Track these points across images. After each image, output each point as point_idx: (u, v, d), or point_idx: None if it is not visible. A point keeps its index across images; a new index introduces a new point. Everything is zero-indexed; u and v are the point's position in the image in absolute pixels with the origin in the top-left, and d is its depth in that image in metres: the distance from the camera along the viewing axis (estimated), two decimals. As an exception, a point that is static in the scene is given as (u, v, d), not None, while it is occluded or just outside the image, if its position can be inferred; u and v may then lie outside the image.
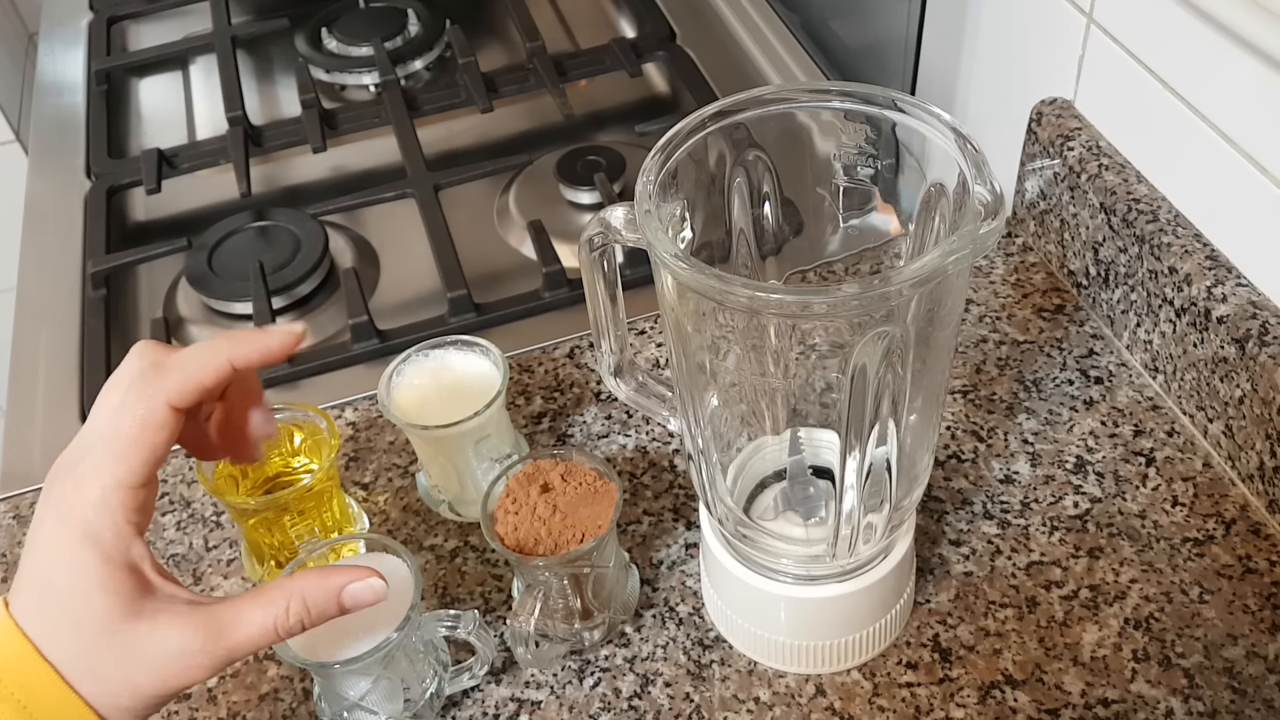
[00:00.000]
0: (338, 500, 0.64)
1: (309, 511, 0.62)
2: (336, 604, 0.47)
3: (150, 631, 0.44)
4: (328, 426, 0.62)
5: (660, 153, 0.48)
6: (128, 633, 0.44)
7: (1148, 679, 0.56)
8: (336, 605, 0.47)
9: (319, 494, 0.61)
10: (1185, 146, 0.65)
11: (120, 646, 0.44)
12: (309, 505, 0.61)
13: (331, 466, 0.61)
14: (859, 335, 0.44)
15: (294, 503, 0.60)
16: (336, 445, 0.61)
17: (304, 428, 0.63)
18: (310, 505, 0.62)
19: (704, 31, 1.06)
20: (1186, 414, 0.67)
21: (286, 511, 0.61)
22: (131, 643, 0.44)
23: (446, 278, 0.80)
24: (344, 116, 0.98)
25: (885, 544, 0.55)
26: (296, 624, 0.46)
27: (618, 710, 0.57)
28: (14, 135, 1.53)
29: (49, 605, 0.44)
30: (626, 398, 0.58)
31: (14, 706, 0.43)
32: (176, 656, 0.44)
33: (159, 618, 0.44)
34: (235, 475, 0.62)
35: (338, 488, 0.64)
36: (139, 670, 0.44)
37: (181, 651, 0.44)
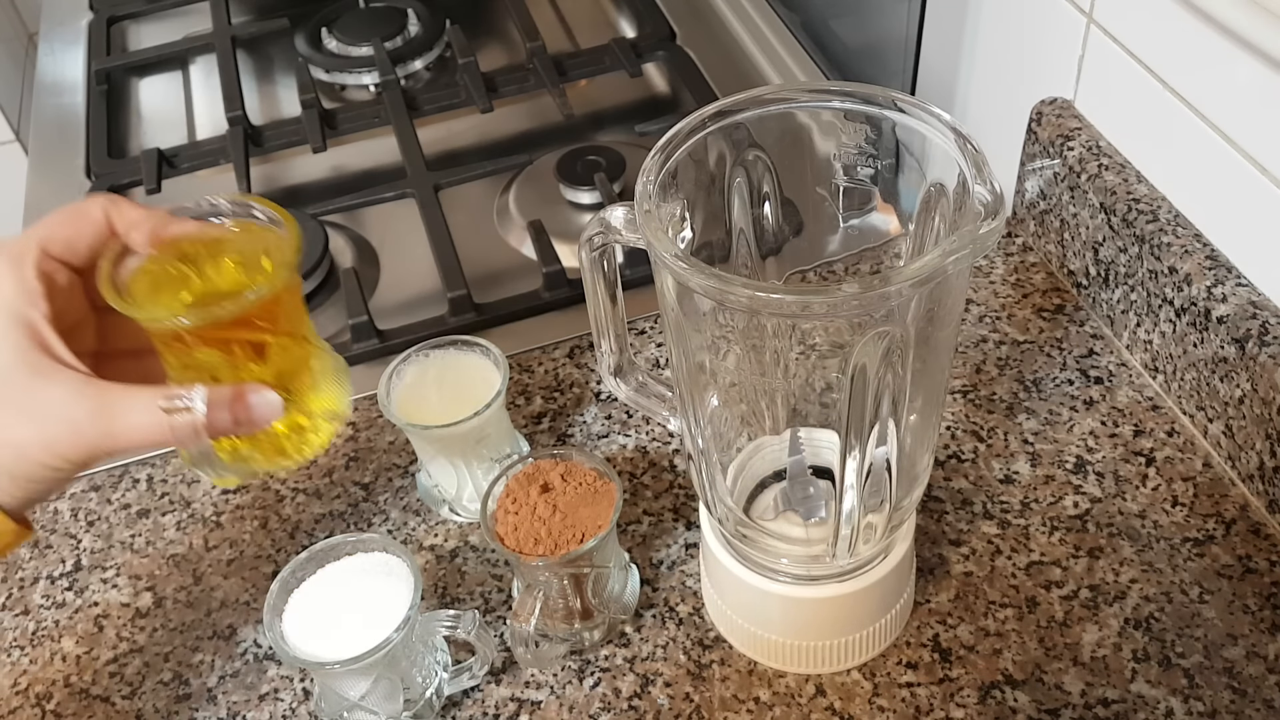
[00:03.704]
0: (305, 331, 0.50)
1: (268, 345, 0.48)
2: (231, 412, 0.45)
3: (41, 388, 0.43)
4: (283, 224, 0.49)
5: (660, 153, 0.48)
6: (18, 385, 0.43)
7: (1148, 679, 0.56)
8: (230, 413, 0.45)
9: (274, 309, 0.47)
10: (1185, 146, 0.65)
11: (7, 398, 0.44)
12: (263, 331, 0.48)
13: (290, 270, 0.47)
14: (859, 335, 0.44)
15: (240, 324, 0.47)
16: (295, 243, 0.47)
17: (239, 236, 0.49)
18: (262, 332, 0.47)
19: (704, 31, 1.06)
20: (1186, 414, 0.67)
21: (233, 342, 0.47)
22: (20, 396, 0.43)
23: (446, 278, 0.80)
24: (344, 116, 0.98)
25: (885, 544, 0.55)
26: (186, 424, 0.44)
27: (618, 710, 0.57)
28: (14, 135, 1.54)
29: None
30: (626, 398, 0.58)
31: None
32: (64, 420, 0.43)
33: (53, 377, 0.44)
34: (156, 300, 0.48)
35: (303, 315, 0.50)
36: (24, 426, 0.43)
37: (70, 416, 0.43)
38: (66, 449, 0.44)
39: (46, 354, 0.44)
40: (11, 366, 0.43)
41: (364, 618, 0.53)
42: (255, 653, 0.62)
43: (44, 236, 0.46)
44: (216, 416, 0.44)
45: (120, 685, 0.61)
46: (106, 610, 0.64)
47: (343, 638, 0.53)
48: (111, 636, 0.63)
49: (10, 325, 0.44)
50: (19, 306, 0.44)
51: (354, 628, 0.53)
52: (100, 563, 0.67)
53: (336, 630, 0.53)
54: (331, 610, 0.54)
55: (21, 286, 0.44)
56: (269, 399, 0.46)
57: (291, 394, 0.49)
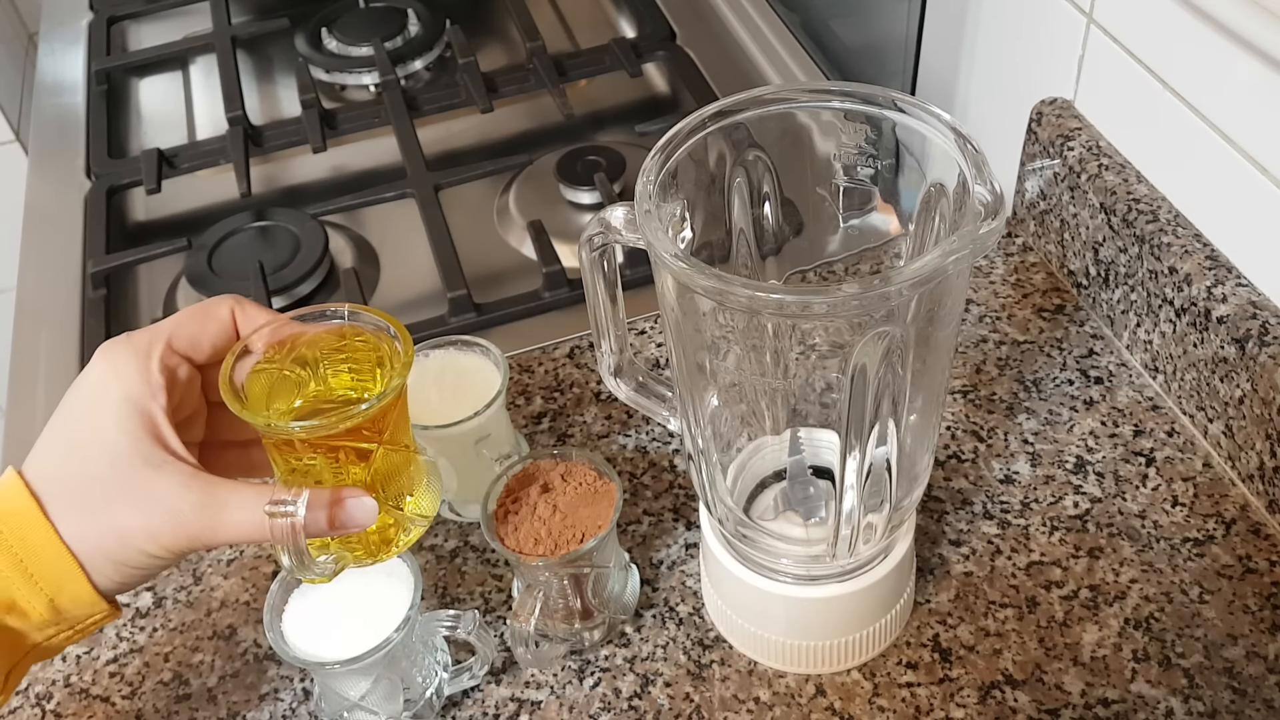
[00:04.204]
0: (407, 439, 0.50)
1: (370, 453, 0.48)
2: (329, 516, 0.46)
3: (151, 478, 0.45)
4: (398, 335, 0.49)
5: (660, 153, 0.48)
6: (129, 473, 0.45)
7: (1148, 679, 0.56)
8: (328, 518, 0.46)
9: (383, 419, 0.47)
10: (1185, 146, 0.65)
11: (119, 485, 0.45)
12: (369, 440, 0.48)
13: (400, 388, 0.47)
14: (859, 335, 0.44)
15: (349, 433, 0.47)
16: (409, 357, 0.48)
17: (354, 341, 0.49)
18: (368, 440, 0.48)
19: (704, 31, 1.06)
20: (1186, 414, 0.67)
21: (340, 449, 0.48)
22: (131, 484, 0.45)
23: (446, 278, 0.80)
24: (344, 116, 0.98)
25: (885, 544, 0.55)
26: (285, 526, 0.45)
27: (618, 710, 0.57)
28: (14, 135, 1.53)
29: (59, 439, 0.46)
30: (626, 398, 0.58)
31: (11, 559, 0.44)
32: (169, 511, 0.45)
33: (163, 468, 0.45)
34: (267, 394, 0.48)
35: (406, 422, 0.50)
36: (131, 513, 0.45)
37: (175, 508, 0.45)
38: (169, 539, 0.45)
39: (160, 445, 0.45)
40: (127, 455, 0.45)
41: (364, 618, 0.53)
42: (255, 653, 0.62)
43: (172, 332, 0.48)
44: (314, 519, 0.46)
45: (120, 685, 0.61)
46: (106, 610, 0.64)
47: (343, 638, 0.53)
48: (111, 636, 0.63)
49: (130, 415, 0.45)
50: (140, 398, 0.46)
51: (354, 628, 0.53)
52: (100, 563, 0.67)
53: (336, 630, 0.53)
54: (331, 610, 0.54)
55: (145, 378, 0.46)
56: (366, 505, 0.47)
57: (387, 497, 0.49)
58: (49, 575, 0.44)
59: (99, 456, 0.45)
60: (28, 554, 0.44)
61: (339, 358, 0.49)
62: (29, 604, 0.45)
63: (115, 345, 0.47)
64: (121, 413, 0.45)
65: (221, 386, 0.47)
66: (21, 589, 0.44)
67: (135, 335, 0.47)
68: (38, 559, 0.44)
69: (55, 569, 0.44)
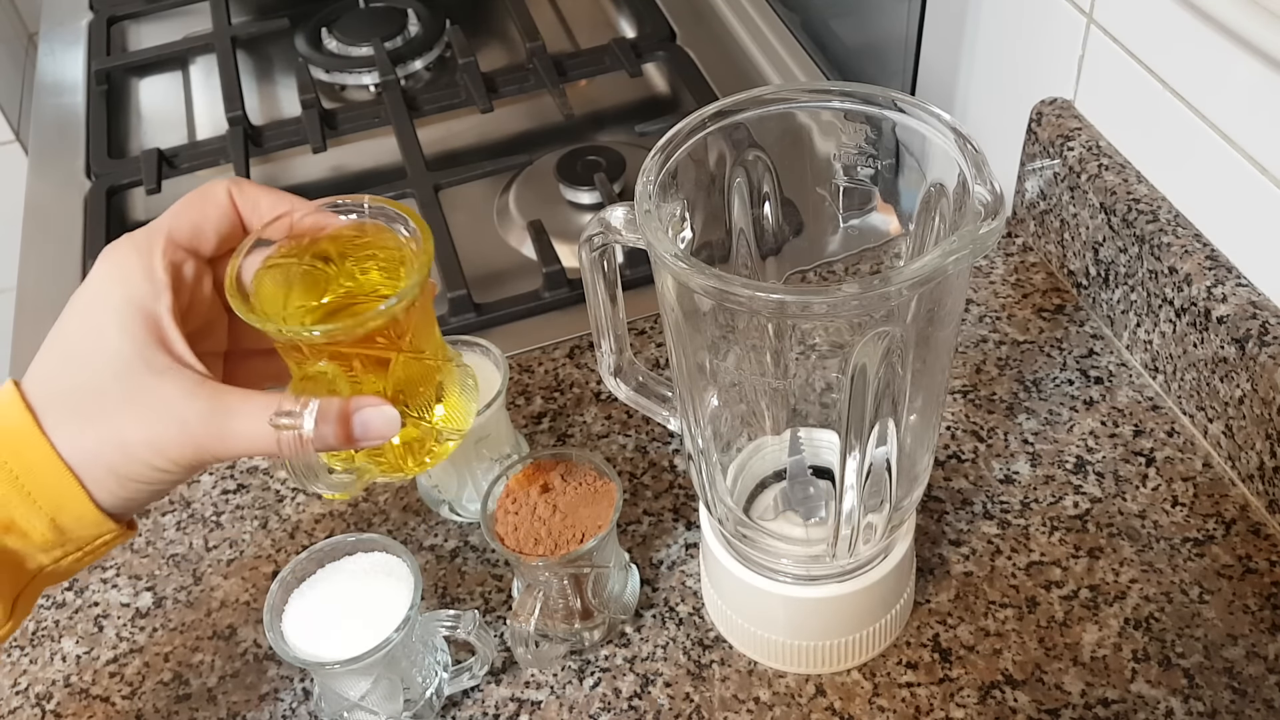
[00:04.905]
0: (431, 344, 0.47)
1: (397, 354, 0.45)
2: (345, 428, 0.42)
3: (155, 385, 0.42)
4: (417, 231, 0.45)
5: (660, 153, 0.48)
6: (131, 379, 0.42)
7: (1148, 679, 0.56)
8: (341, 429, 0.42)
9: (403, 324, 0.44)
10: (1185, 146, 0.65)
11: (120, 393, 0.42)
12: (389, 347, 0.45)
13: (424, 284, 0.44)
14: (859, 335, 0.44)
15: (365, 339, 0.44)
16: (429, 257, 0.44)
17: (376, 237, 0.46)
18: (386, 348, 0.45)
19: (704, 31, 1.06)
20: (1186, 414, 0.67)
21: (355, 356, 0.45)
22: (133, 391, 0.42)
23: (446, 278, 0.80)
24: (344, 116, 0.98)
25: (885, 544, 0.55)
26: (291, 439, 0.42)
27: (618, 710, 0.57)
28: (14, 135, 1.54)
29: (58, 348, 0.43)
30: (626, 398, 0.58)
31: (7, 476, 0.42)
32: (174, 419, 0.42)
33: (168, 374, 0.42)
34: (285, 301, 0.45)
35: (431, 327, 0.47)
36: (133, 423, 0.42)
37: (180, 416, 0.42)
38: (174, 450, 0.42)
39: (164, 350, 0.42)
40: (129, 361, 0.42)
41: (364, 618, 0.53)
42: (255, 653, 0.62)
43: (170, 225, 0.44)
44: (325, 432, 0.42)
45: (120, 685, 0.61)
46: (106, 610, 0.64)
47: (343, 638, 0.53)
48: (111, 636, 0.63)
49: (132, 317, 0.42)
50: (144, 298, 0.43)
51: (354, 628, 0.53)
52: (100, 562, 0.67)
53: (336, 630, 0.53)
54: (331, 610, 0.54)
55: (148, 276, 0.43)
56: (386, 414, 0.43)
57: (411, 408, 0.46)
58: (48, 493, 0.42)
59: (99, 363, 0.42)
60: (24, 471, 0.42)
61: (364, 253, 0.45)
62: (29, 524, 0.42)
63: (115, 246, 0.44)
64: (124, 315, 0.42)
65: (226, 284, 0.43)
66: (20, 508, 0.42)
67: (135, 234, 0.44)
68: (34, 476, 0.42)
69: (54, 486, 0.42)
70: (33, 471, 0.42)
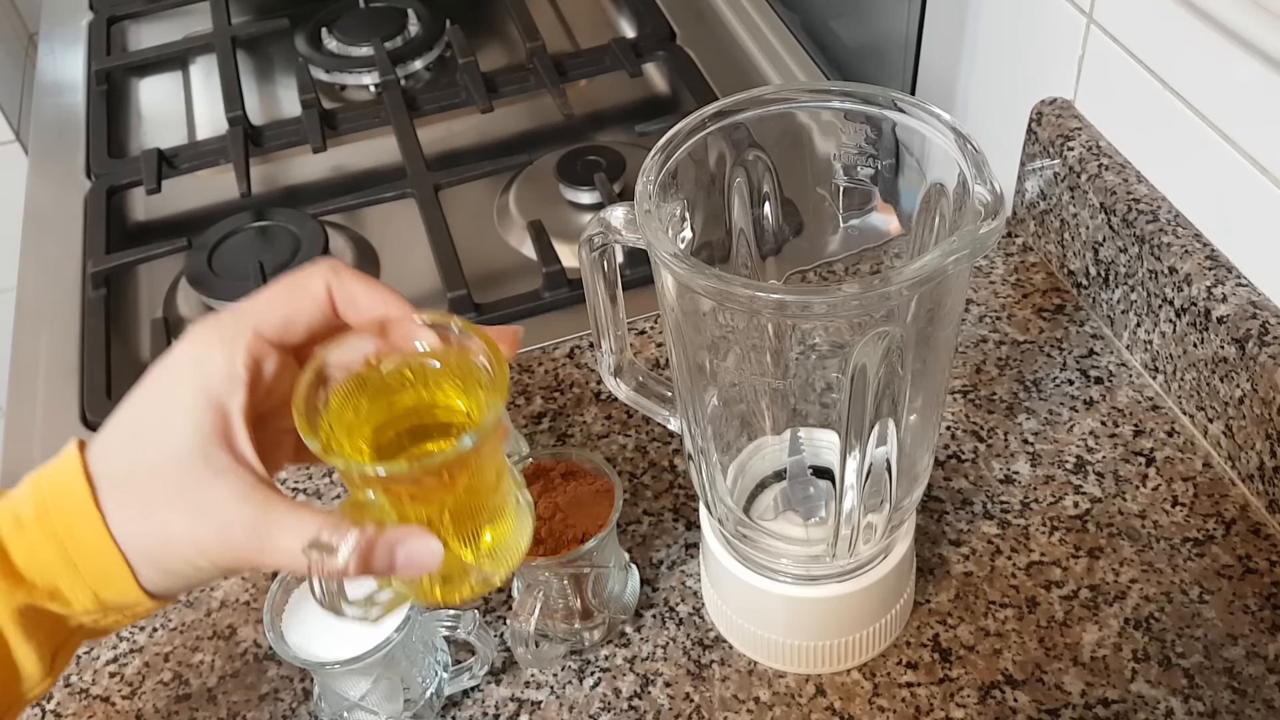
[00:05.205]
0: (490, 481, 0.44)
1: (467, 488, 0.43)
2: (385, 559, 0.41)
3: (208, 482, 0.41)
4: (490, 360, 0.42)
5: (660, 153, 0.48)
6: (188, 473, 0.41)
7: (1148, 679, 0.56)
8: (384, 561, 0.41)
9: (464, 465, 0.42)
10: (1185, 146, 0.65)
11: (175, 485, 0.41)
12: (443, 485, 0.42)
13: (494, 426, 0.41)
14: (859, 335, 0.44)
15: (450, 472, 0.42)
16: (504, 397, 0.41)
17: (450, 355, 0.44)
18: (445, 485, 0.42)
19: (704, 31, 1.06)
20: (1186, 414, 0.67)
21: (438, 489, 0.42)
22: (187, 486, 0.41)
23: (446, 278, 0.80)
24: (344, 116, 0.98)
25: (885, 544, 0.55)
26: (318, 567, 0.41)
27: (618, 710, 0.57)
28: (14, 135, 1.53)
29: (128, 423, 0.43)
30: (626, 398, 0.58)
31: (57, 547, 0.41)
32: (219, 523, 0.41)
33: (224, 475, 0.41)
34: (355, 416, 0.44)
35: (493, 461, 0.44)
36: (180, 517, 0.41)
37: (226, 520, 0.41)
38: (214, 552, 0.42)
39: (227, 448, 0.42)
40: (190, 453, 0.41)
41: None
42: (255, 653, 0.62)
43: (260, 318, 0.43)
44: (363, 563, 0.41)
45: (120, 685, 0.61)
46: (106, 610, 0.64)
47: (343, 638, 0.53)
48: (111, 636, 0.63)
49: (203, 410, 0.42)
50: (218, 392, 0.42)
51: (354, 628, 0.53)
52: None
53: (336, 630, 0.53)
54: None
55: (228, 371, 0.42)
56: (429, 549, 0.42)
57: (458, 542, 0.44)
58: (94, 569, 0.41)
59: (162, 450, 0.41)
60: (74, 544, 0.41)
61: (444, 375, 0.44)
62: (73, 594, 0.42)
63: (202, 329, 0.43)
64: (195, 406, 0.41)
65: (294, 407, 0.41)
66: (65, 578, 0.41)
67: (224, 319, 0.43)
68: (84, 550, 0.41)
69: (101, 564, 0.41)
70: (82, 546, 0.41)
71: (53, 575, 0.41)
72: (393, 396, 0.44)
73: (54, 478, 0.42)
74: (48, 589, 0.42)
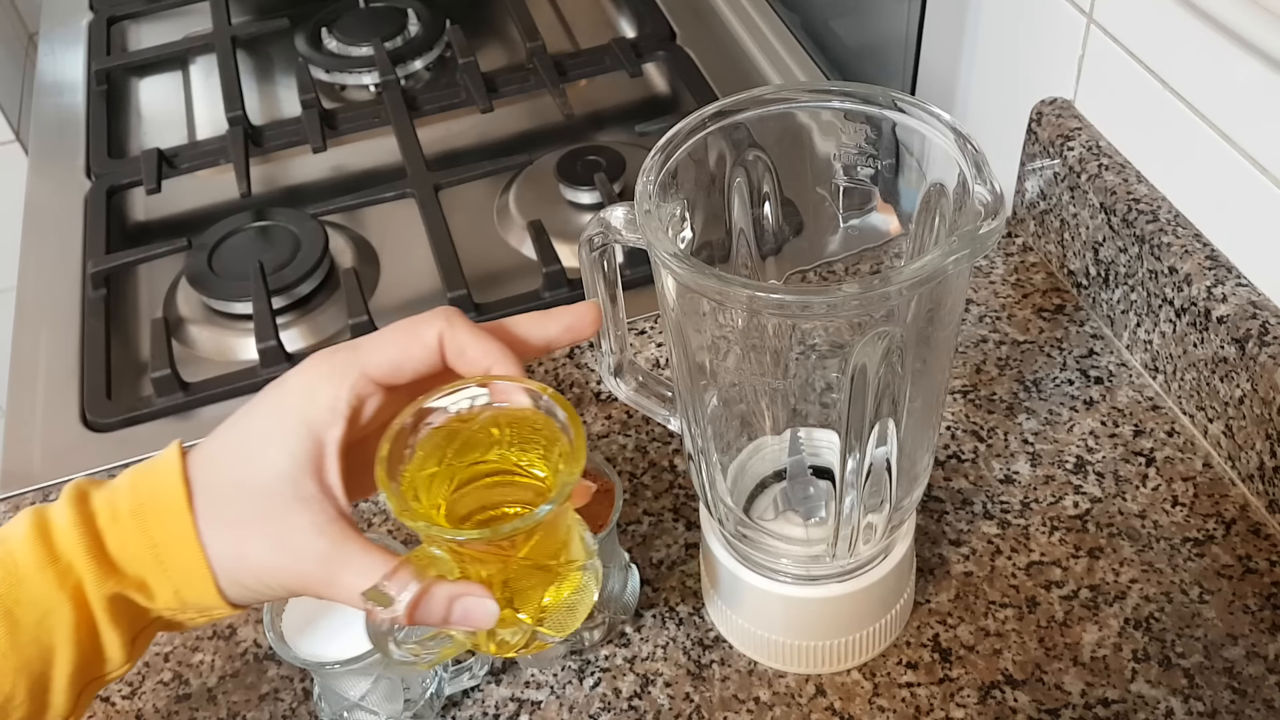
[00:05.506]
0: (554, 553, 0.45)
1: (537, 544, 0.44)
2: (442, 612, 0.43)
3: (291, 509, 0.43)
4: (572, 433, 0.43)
5: (660, 153, 0.48)
6: (275, 496, 0.43)
7: (1148, 679, 0.56)
8: (441, 614, 0.43)
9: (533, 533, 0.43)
10: (1185, 146, 0.65)
11: (260, 506, 0.43)
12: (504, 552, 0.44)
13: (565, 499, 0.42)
14: (859, 335, 0.44)
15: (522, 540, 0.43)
16: (578, 471, 0.42)
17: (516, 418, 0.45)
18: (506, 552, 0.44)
19: (704, 31, 1.06)
20: (1186, 414, 0.67)
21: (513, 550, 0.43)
22: (271, 509, 0.43)
23: (446, 278, 0.80)
24: (344, 116, 0.98)
25: (885, 544, 0.55)
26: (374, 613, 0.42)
27: (618, 710, 0.57)
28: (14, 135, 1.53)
29: (234, 436, 0.45)
30: (626, 398, 0.58)
31: (148, 543, 0.43)
32: (293, 551, 0.43)
33: (308, 504, 0.43)
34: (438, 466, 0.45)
35: (562, 533, 0.46)
36: (258, 538, 0.43)
37: (299, 549, 0.43)
38: (284, 576, 0.44)
39: (316, 477, 0.44)
40: (280, 477, 0.43)
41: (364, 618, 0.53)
42: (255, 653, 0.62)
43: (370, 359, 0.45)
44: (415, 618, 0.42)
45: (120, 685, 0.61)
46: (106, 610, 0.64)
47: (343, 638, 0.53)
48: (111, 636, 0.63)
49: (301, 438, 0.44)
50: (318, 424, 0.44)
51: (354, 628, 0.53)
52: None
53: (336, 630, 0.53)
54: (331, 610, 0.54)
55: (330, 405, 0.44)
56: (486, 608, 0.43)
57: (516, 603, 0.45)
58: (179, 569, 0.43)
59: (256, 468, 0.44)
60: (165, 542, 0.43)
61: (531, 430, 0.45)
62: (157, 588, 0.44)
63: (315, 361, 0.45)
64: (295, 433, 0.44)
65: (377, 467, 0.42)
66: (152, 573, 0.43)
67: (338, 354, 0.45)
68: (172, 550, 0.43)
69: (187, 566, 0.43)
70: (172, 546, 0.43)
71: (141, 568, 0.43)
72: (477, 451, 0.45)
73: (152, 478, 0.44)
74: (136, 580, 0.43)
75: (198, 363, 0.81)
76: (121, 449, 0.73)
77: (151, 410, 0.75)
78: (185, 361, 0.80)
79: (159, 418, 0.76)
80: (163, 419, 0.76)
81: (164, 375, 0.75)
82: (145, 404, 0.76)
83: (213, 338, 0.83)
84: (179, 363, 0.77)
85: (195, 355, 0.82)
